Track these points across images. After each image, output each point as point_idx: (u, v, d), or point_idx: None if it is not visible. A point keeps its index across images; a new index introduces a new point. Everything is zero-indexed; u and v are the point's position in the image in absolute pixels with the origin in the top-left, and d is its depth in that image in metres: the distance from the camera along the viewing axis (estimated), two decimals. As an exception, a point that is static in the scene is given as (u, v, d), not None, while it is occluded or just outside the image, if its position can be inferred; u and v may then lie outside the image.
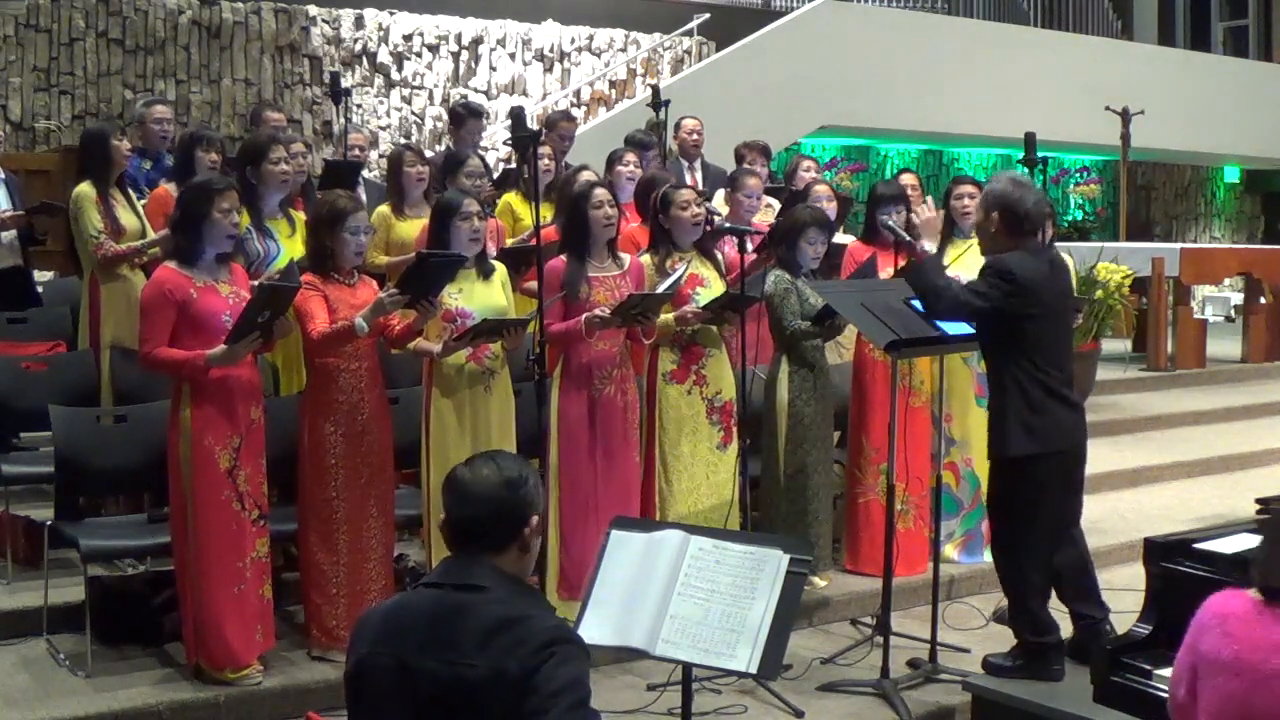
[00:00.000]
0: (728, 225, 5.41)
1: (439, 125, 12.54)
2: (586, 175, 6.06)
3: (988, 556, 6.14)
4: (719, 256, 5.57)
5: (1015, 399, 4.51)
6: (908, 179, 6.70)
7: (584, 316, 4.92)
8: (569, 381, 5.07)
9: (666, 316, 5.26)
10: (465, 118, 7.40)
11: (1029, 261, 4.47)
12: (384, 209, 6.24)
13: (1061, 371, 4.59)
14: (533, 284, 5.52)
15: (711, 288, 5.37)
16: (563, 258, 5.10)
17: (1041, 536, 4.62)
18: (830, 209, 6.19)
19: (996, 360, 4.60)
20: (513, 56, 13.38)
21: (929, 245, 5.06)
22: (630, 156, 6.92)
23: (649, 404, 5.40)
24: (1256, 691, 2.63)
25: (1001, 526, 4.72)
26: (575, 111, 13.00)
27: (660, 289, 5.03)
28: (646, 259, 5.42)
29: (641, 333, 5.17)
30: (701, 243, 5.45)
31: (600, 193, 5.14)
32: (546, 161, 6.57)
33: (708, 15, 14.23)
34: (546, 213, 6.17)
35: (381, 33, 12.75)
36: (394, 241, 6.13)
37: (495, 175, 7.41)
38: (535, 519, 2.51)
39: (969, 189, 6.16)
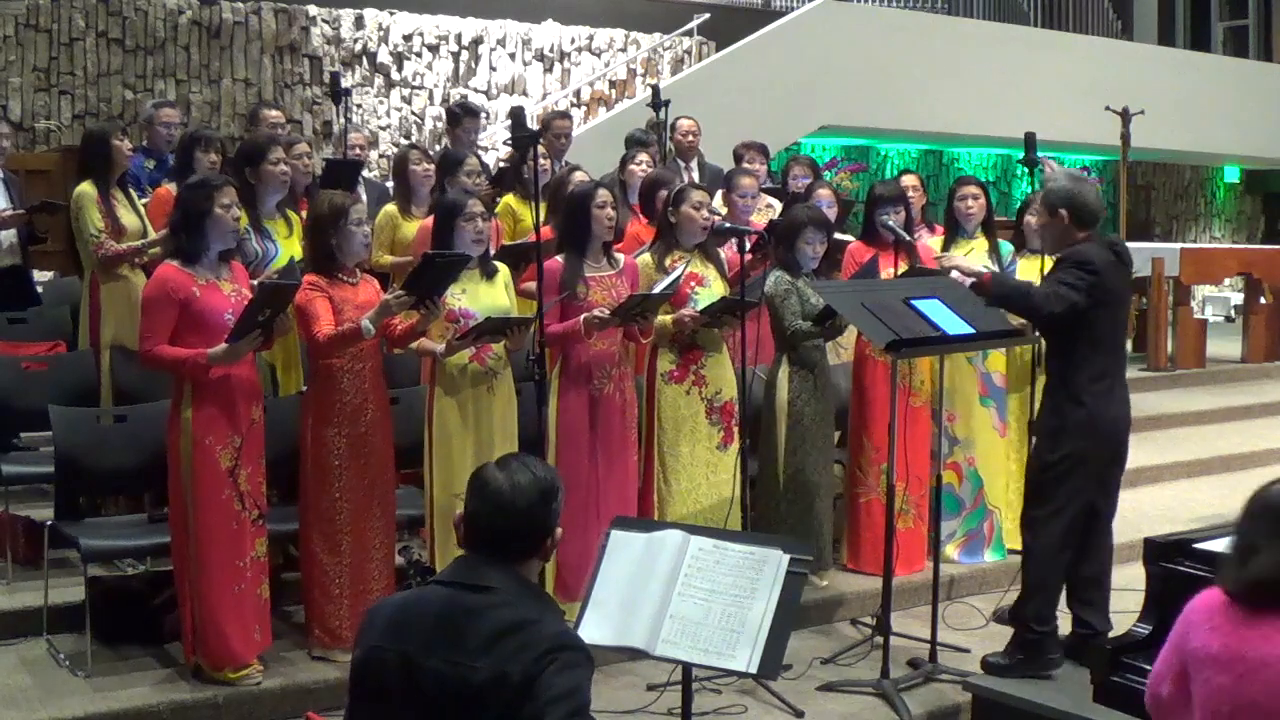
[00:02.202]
0: (727, 225, 5.41)
1: (439, 125, 12.54)
2: (579, 175, 6.05)
3: (988, 556, 6.16)
4: (722, 257, 5.57)
5: (1075, 390, 4.58)
6: (909, 180, 6.71)
7: (583, 317, 4.91)
8: (568, 381, 5.07)
9: (664, 318, 5.26)
10: (461, 116, 7.40)
11: (1099, 252, 4.57)
12: (390, 208, 6.24)
13: (1120, 362, 4.70)
14: (529, 284, 5.52)
15: (711, 287, 5.37)
16: (559, 258, 5.10)
17: (1070, 524, 4.66)
18: (833, 214, 6.20)
19: (1062, 350, 4.66)
20: (513, 56, 13.38)
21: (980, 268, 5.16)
22: (643, 156, 6.93)
23: (648, 404, 5.40)
24: (1245, 682, 2.65)
25: (1033, 510, 4.73)
26: (575, 112, 13.00)
27: (658, 289, 5.03)
28: (646, 257, 5.42)
29: (639, 332, 5.17)
30: (704, 242, 5.45)
31: (603, 193, 5.13)
32: (544, 162, 6.57)
33: (708, 15, 14.22)
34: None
35: (381, 33, 12.74)
36: (400, 241, 6.13)
37: (491, 175, 7.40)
38: (559, 531, 2.51)
39: (973, 189, 6.18)
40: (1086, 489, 4.66)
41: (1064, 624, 4.90)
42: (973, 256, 6.05)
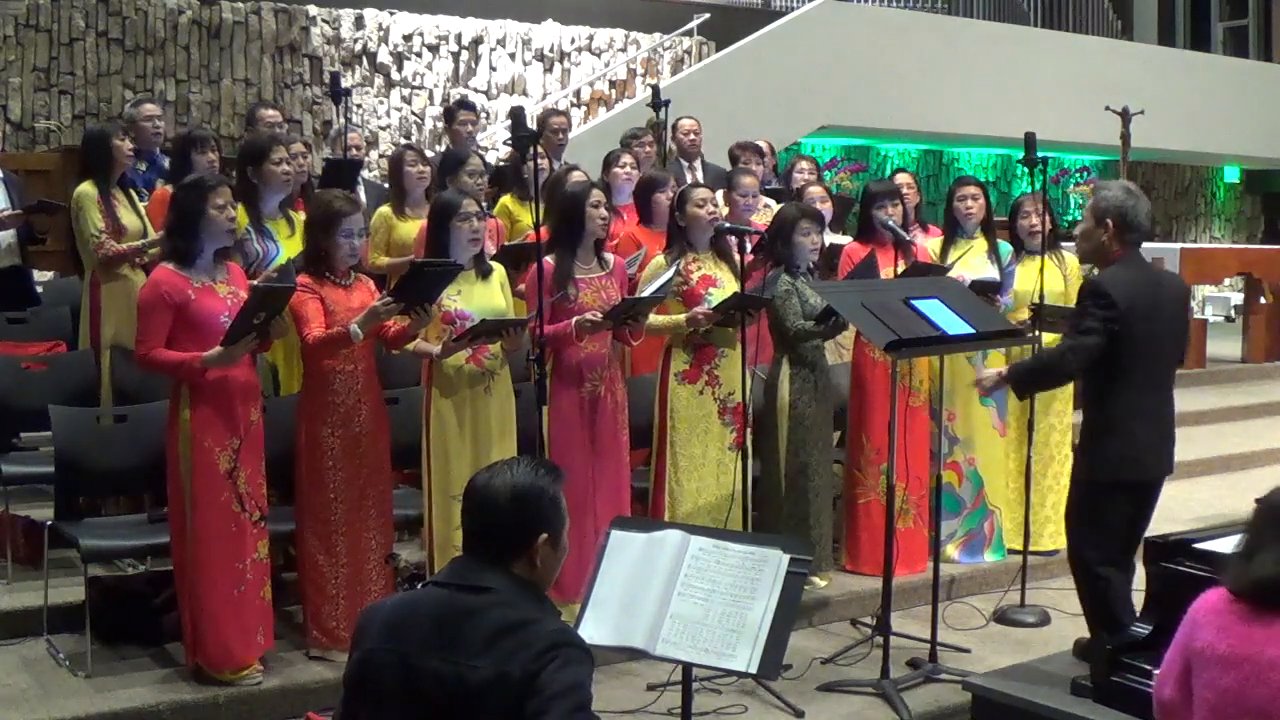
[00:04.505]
0: (727, 225, 5.41)
1: (439, 125, 12.54)
2: (577, 175, 6.06)
3: (988, 556, 6.16)
4: (736, 258, 5.55)
5: (1101, 422, 4.39)
6: (903, 178, 6.73)
7: (575, 320, 4.91)
8: (559, 383, 5.05)
9: (678, 317, 5.27)
10: (455, 111, 7.43)
11: (1125, 277, 4.33)
12: (385, 209, 6.23)
13: (1158, 393, 4.46)
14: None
15: (724, 288, 5.36)
16: (549, 259, 5.09)
17: (1117, 546, 4.48)
18: (825, 209, 6.21)
19: (1090, 378, 4.45)
20: (513, 56, 13.38)
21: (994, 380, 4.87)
22: (626, 158, 6.91)
23: (660, 403, 5.40)
24: (1251, 684, 2.65)
25: (1078, 540, 4.52)
26: (575, 112, 13.00)
27: (648, 291, 5.03)
28: (660, 258, 5.42)
29: (629, 334, 5.18)
30: (717, 243, 5.45)
31: (597, 193, 5.15)
32: (543, 162, 6.57)
33: (708, 15, 14.22)
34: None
35: (381, 33, 12.74)
36: (395, 242, 6.13)
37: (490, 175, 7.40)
38: (545, 536, 2.48)
39: (972, 190, 6.19)
40: (1120, 523, 4.44)
41: (1068, 627, 4.89)
42: (972, 256, 6.05)
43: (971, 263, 6.01)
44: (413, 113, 12.87)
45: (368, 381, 4.74)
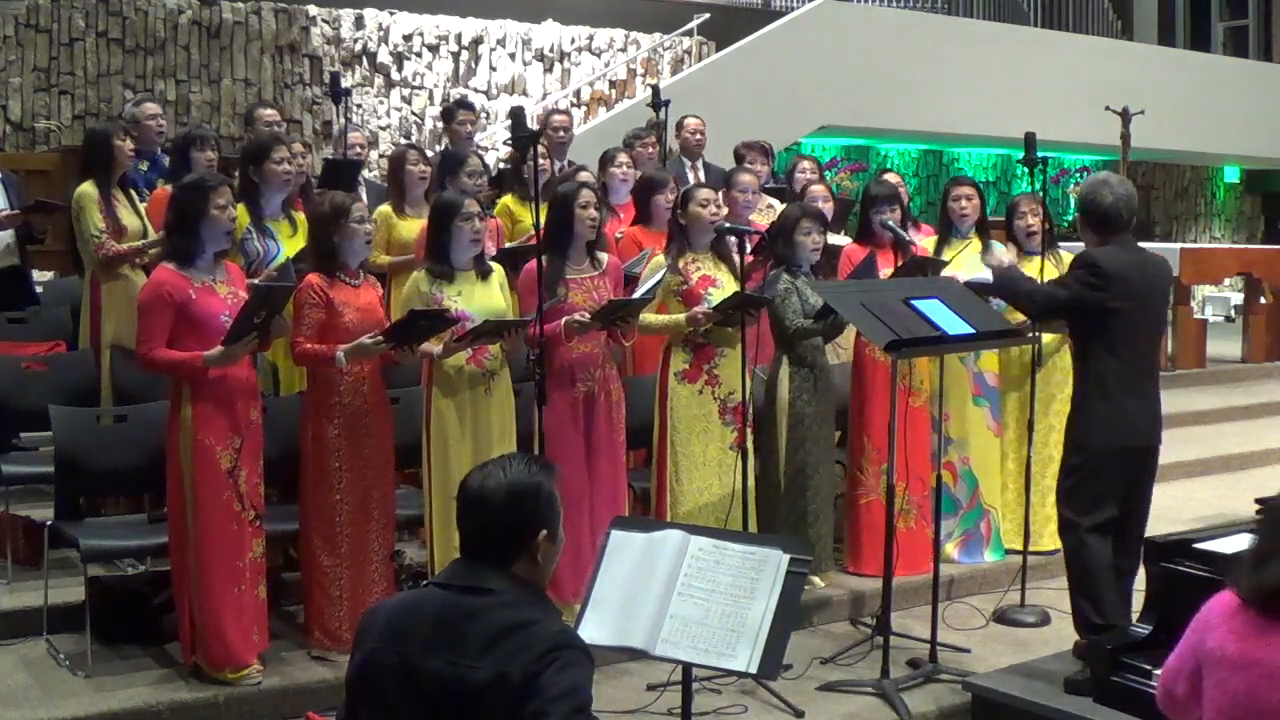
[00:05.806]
0: (727, 225, 5.41)
1: (439, 125, 12.54)
2: (585, 175, 6.05)
3: (987, 556, 6.16)
4: (736, 259, 5.56)
5: (1094, 390, 4.58)
6: (892, 178, 6.72)
7: (564, 320, 4.92)
8: (552, 383, 5.04)
9: (678, 317, 5.28)
10: (454, 111, 7.43)
11: (1117, 254, 4.56)
12: (385, 209, 6.24)
13: (1144, 365, 4.67)
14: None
15: (724, 289, 5.36)
16: (541, 259, 5.08)
17: (1108, 520, 4.60)
18: (827, 209, 6.21)
19: (1082, 350, 4.70)
20: (513, 56, 13.38)
21: (1006, 262, 5.25)
22: (623, 158, 6.91)
23: (660, 403, 5.40)
24: (1261, 688, 2.64)
25: (1067, 504, 4.67)
26: (575, 111, 12.99)
27: (638, 293, 5.03)
28: (660, 258, 5.43)
29: (621, 334, 5.18)
30: (717, 244, 5.45)
31: (587, 193, 5.15)
32: (544, 162, 6.58)
33: (708, 15, 14.22)
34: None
35: (381, 33, 12.74)
36: (395, 241, 6.13)
37: (492, 175, 7.40)
38: (544, 533, 2.49)
39: (967, 190, 6.20)
40: (1111, 493, 4.59)
41: (1068, 627, 4.88)
42: (967, 257, 6.04)
43: (965, 262, 6.01)
44: (413, 113, 12.87)
45: (373, 382, 4.75)
